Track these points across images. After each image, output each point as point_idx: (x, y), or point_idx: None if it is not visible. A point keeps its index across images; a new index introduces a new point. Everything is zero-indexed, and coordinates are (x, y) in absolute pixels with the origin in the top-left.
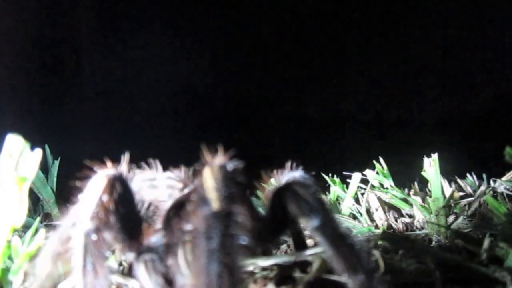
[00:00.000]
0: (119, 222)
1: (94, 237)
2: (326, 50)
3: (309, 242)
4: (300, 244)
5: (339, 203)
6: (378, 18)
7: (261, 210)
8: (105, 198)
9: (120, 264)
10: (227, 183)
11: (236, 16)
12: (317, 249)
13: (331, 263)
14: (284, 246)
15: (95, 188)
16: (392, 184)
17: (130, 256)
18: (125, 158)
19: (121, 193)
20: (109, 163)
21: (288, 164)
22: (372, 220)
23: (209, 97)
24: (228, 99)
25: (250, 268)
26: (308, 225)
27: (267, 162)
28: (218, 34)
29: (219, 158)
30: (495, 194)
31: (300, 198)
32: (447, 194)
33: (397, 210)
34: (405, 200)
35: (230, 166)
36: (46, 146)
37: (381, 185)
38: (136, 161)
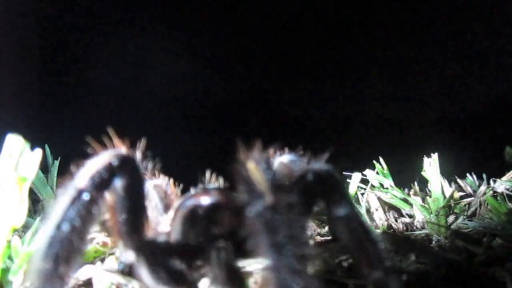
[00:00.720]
0: (124, 212)
1: (86, 196)
2: (326, 50)
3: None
4: None
5: None
6: (378, 18)
7: None
8: (110, 169)
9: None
10: (273, 174)
11: (238, 16)
12: (317, 249)
13: (351, 255)
14: None
15: (102, 157)
16: (392, 184)
17: (130, 254)
18: (141, 144)
19: (130, 179)
20: (122, 144)
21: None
22: (372, 220)
23: (209, 98)
24: (227, 100)
25: (250, 269)
26: (334, 213)
27: None
28: (219, 34)
29: (258, 152)
30: (495, 194)
31: (331, 185)
32: (447, 194)
33: (397, 210)
34: (405, 200)
35: (273, 159)
36: (46, 146)
37: (381, 185)
38: None
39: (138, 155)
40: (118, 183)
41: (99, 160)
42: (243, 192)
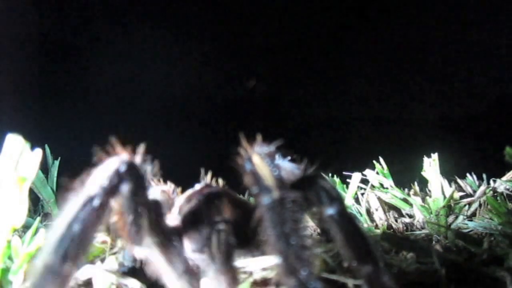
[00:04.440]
0: (132, 212)
1: (96, 202)
2: (326, 50)
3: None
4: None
5: None
6: (378, 18)
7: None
8: (118, 175)
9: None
10: (277, 169)
11: (238, 17)
12: (317, 250)
13: (342, 252)
14: None
15: (110, 164)
16: (392, 184)
17: (138, 249)
18: (141, 149)
19: (135, 181)
20: (124, 150)
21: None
22: (372, 220)
23: (209, 98)
24: (227, 99)
25: (250, 269)
26: (324, 213)
27: None
28: (219, 35)
29: (261, 145)
30: (495, 194)
31: (320, 187)
32: (447, 194)
33: (397, 210)
34: (405, 200)
35: (274, 152)
36: (46, 146)
37: (381, 185)
38: None
39: (140, 159)
40: (125, 188)
41: (107, 167)
42: (249, 184)
